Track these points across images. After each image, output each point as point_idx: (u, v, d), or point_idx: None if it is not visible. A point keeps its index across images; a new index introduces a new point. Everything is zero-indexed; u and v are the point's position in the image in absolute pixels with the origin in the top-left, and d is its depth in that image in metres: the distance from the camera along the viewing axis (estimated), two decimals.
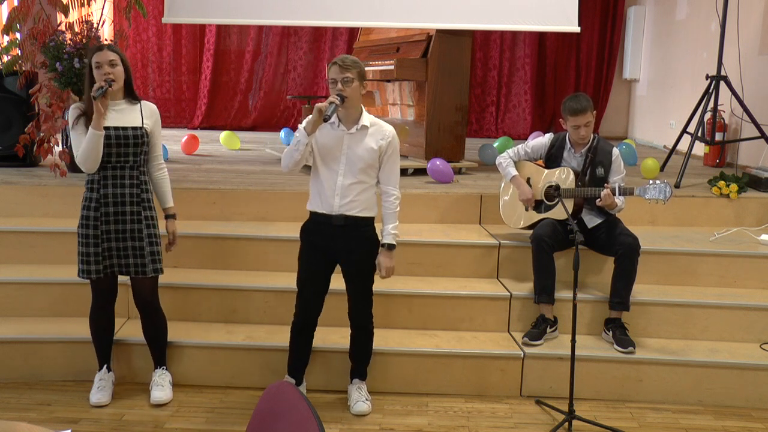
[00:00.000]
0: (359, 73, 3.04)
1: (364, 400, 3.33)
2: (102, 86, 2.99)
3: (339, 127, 3.09)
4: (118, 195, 3.13)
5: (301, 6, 5.09)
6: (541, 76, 9.06)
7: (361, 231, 3.14)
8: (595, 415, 3.36)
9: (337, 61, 3.03)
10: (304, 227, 3.24)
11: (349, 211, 3.09)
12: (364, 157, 3.08)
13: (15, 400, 3.39)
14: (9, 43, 4.80)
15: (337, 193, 3.08)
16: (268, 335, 3.64)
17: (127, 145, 3.12)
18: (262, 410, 1.66)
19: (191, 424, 3.21)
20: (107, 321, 3.37)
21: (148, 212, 3.21)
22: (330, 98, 2.98)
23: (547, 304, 3.68)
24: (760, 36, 5.73)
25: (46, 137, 4.53)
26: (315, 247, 3.19)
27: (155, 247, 3.22)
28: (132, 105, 3.19)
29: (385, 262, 3.17)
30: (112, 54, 3.08)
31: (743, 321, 3.75)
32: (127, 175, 3.14)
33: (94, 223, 3.14)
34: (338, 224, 3.10)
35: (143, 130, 3.15)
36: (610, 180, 3.73)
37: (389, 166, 3.16)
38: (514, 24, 5.37)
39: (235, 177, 4.97)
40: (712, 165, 6.00)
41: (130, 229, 3.16)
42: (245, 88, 9.00)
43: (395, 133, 3.18)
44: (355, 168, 3.08)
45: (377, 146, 3.09)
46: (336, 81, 3.01)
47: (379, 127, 3.14)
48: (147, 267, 3.19)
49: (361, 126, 3.09)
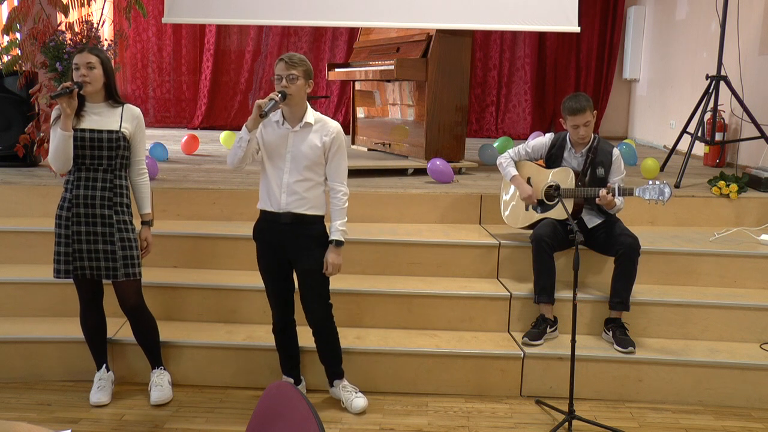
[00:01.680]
0: (305, 71, 3.05)
1: (358, 395, 3.33)
2: (67, 87, 2.97)
3: (284, 125, 3.10)
4: (89, 197, 3.12)
5: (301, 6, 5.09)
6: (541, 76, 9.06)
7: (309, 229, 3.14)
8: (595, 415, 3.36)
9: (284, 58, 3.04)
10: (256, 227, 3.24)
11: (296, 208, 3.09)
12: (308, 154, 3.08)
13: (15, 400, 3.39)
14: (9, 43, 4.80)
15: (284, 190, 3.08)
16: (268, 335, 3.62)
17: (101, 148, 3.10)
18: (262, 410, 1.66)
19: (191, 424, 3.21)
20: (96, 321, 3.36)
21: (121, 216, 3.16)
22: (271, 94, 3.00)
23: (547, 304, 3.68)
24: (760, 36, 5.73)
25: (46, 137, 4.53)
26: (267, 246, 3.20)
27: (129, 251, 3.18)
28: (112, 108, 3.17)
29: (332, 259, 3.14)
30: (91, 56, 3.07)
31: (743, 321, 3.75)
32: (99, 177, 3.12)
33: (66, 223, 3.14)
34: (285, 222, 3.10)
35: (120, 134, 3.12)
36: (610, 180, 3.73)
37: (335, 162, 3.14)
38: (514, 24, 5.37)
39: (235, 177, 4.97)
40: (712, 165, 6.00)
41: (101, 232, 3.13)
42: (245, 88, 9.00)
43: (341, 129, 3.16)
44: (300, 165, 3.08)
45: (321, 143, 3.09)
46: (281, 77, 3.02)
47: (324, 123, 3.14)
48: (119, 271, 3.16)
49: (304, 123, 3.09)
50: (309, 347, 3.44)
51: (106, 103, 3.17)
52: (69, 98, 2.98)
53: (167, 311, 3.77)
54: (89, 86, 3.07)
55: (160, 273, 3.91)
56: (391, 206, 4.51)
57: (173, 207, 4.40)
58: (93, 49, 3.13)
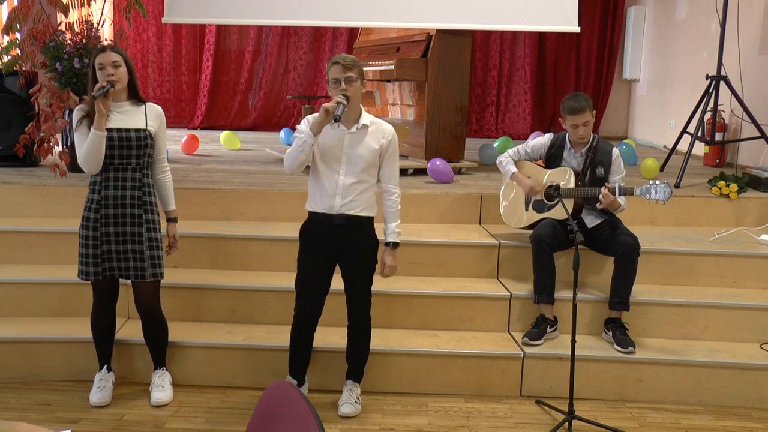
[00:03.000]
0: (360, 72, 3.05)
1: (352, 403, 3.31)
2: (104, 86, 2.98)
3: (339, 127, 3.08)
4: (119, 197, 3.12)
5: (301, 6, 5.10)
6: (541, 76, 9.06)
7: (361, 230, 3.14)
8: (595, 415, 3.36)
9: (338, 60, 3.02)
10: (304, 228, 3.23)
11: (350, 210, 3.09)
12: (365, 156, 3.09)
13: (15, 400, 3.39)
14: (9, 43, 4.80)
15: (339, 192, 3.08)
16: (268, 335, 3.64)
17: (130, 147, 3.10)
18: (262, 410, 1.66)
19: (191, 424, 3.21)
20: (108, 322, 3.36)
21: (149, 215, 3.18)
22: (336, 98, 2.97)
23: (547, 304, 3.68)
24: (760, 36, 5.73)
25: (46, 137, 4.53)
26: (315, 247, 3.18)
27: (156, 251, 3.20)
28: (136, 107, 3.18)
29: (389, 261, 3.19)
30: (115, 55, 3.08)
31: (743, 321, 3.75)
32: (129, 177, 3.13)
33: (94, 225, 3.13)
34: (339, 224, 3.10)
35: (147, 132, 3.13)
36: (610, 180, 3.73)
37: (390, 165, 3.17)
38: (514, 24, 5.37)
39: (235, 177, 4.97)
40: (712, 165, 6.00)
41: (131, 232, 3.14)
42: (245, 88, 8.99)
43: (395, 131, 3.19)
44: (356, 168, 3.08)
45: (378, 145, 3.10)
46: (339, 80, 3.01)
47: (379, 126, 3.15)
48: (146, 271, 3.18)
49: (361, 125, 3.09)
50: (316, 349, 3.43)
51: (130, 102, 3.17)
52: (104, 98, 2.99)
53: (167, 311, 3.73)
54: (118, 84, 3.07)
55: None
56: None
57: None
58: (115, 48, 3.13)
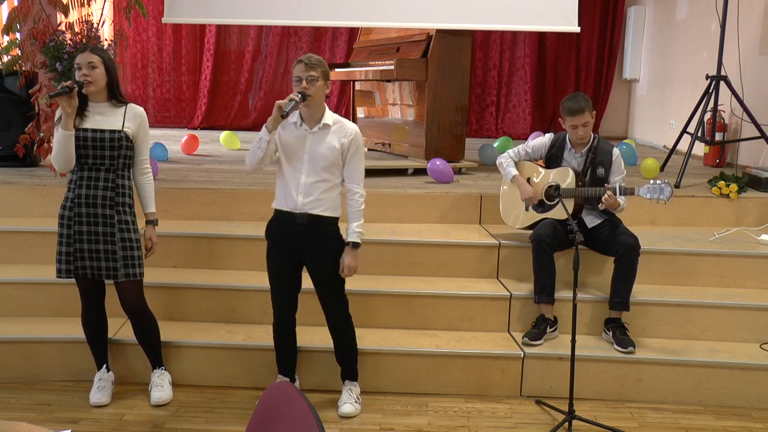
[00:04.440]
0: (324, 73, 3.06)
1: (352, 402, 3.32)
2: (67, 86, 2.98)
3: (302, 127, 3.11)
4: (91, 197, 3.12)
5: (301, 6, 5.09)
6: (541, 76, 9.06)
7: (325, 230, 3.14)
8: (595, 415, 3.36)
9: (302, 59, 3.04)
10: (270, 225, 3.25)
11: (312, 209, 3.09)
12: (326, 155, 3.09)
13: (15, 400, 3.39)
14: (9, 43, 4.80)
15: (301, 191, 3.09)
16: (268, 335, 3.62)
17: (104, 148, 3.10)
18: (262, 410, 1.66)
19: (191, 424, 3.21)
20: (97, 321, 3.36)
21: (123, 216, 3.16)
22: (291, 95, 3.00)
23: (547, 304, 3.68)
24: (760, 36, 5.72)
25: (46, 137, 4.53)
26: (280, 245, 3.20)
27: (129, 252, 3.17)
28: (115, 108, 3.17)
29: (348, 261, 3.15)
30: (93, 56, 3.08)
31: (743, 321, 3.75)
32: (102, 177, 3.12)
33: (68, 223, 3.14)
34: (301, 222, 3.10)
35: (123, 134, 3.12)
36: (610, 180, 3.73)
37: (353, 164, 3.15)
38: (514, 24, 5.37)
39: (235, 177, 4.97)
40: (712, 165, 6.00)
41: (102, 232, 3.13)
42: (245, 88, 8.99)
43: (358, 130, 3.17)
44: (317, 166, 3.09)
45: (339, 144, 3.10)
46: (300, 79, 3.02)
47: (342, 125, 3.14)
48: (119, 271, 3.16)
49: (323, 125, 3.10)
50: (306, 347, 3.44)
51: (109, 103, 3.17)
52: (69, 98, 2.98)
53: (167, 311, 3.77)
54: (91, 86, 3.07)
55: (160, 273, 3.90)
56: (391, 206, 4.50)
57: (173, 207, 4.40)
58: (95, 48, 3.14)
